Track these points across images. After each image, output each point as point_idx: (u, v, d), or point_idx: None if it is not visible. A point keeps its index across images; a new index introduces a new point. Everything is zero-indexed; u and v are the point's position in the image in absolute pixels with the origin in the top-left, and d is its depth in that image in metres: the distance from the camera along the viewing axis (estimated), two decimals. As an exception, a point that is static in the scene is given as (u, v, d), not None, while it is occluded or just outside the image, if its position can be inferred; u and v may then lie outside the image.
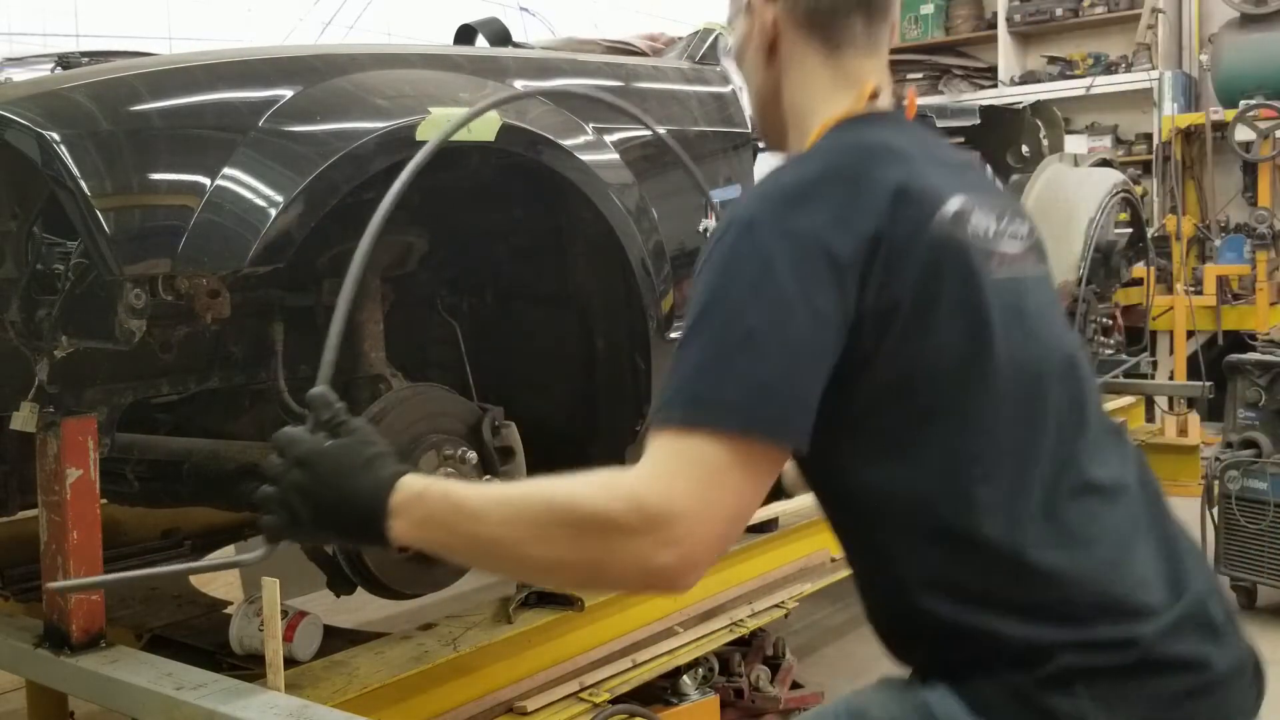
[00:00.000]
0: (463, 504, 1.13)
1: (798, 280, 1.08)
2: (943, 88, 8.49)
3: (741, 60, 1.37)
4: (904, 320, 1.12)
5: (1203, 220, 7.36)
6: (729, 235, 1.13)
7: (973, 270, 1.15)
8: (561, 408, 2.68)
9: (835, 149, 1.21)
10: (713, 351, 1.08)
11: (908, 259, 1.12)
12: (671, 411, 1.08)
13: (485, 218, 2.50)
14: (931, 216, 1.14)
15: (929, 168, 1.19)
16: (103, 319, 1.74)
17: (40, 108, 1.69)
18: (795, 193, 1.14)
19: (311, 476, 1.18)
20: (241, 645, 2.11)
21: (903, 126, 1.29)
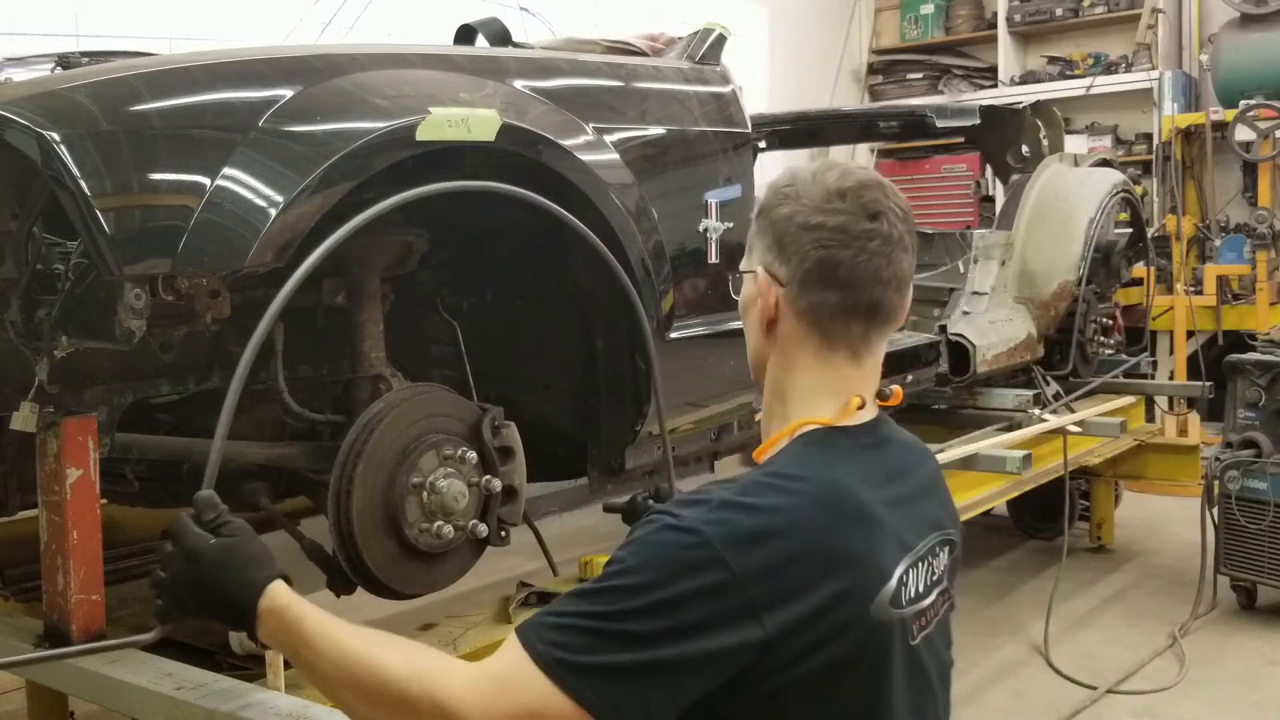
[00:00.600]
0: (306, 635, 1.24)
1: (703, 621, 1.12)
2: (943, 88, 8.50)
3: (745, 315, 1.39)
4: (806, 686, 1.16)
5: (1203, 220, 7.36)
6: (672, 534, 1.15)
7: (889, 654, 1.21)
8: (561, 408, 2.67)
9: (805, 497, 1.19)
10: (597, 627, 1.13)
11: (832, 642, 1.16)
12: (536, 643, 1.14)
13: (485, 217, 2.50)
14: (872, 599, 1.18)
15: (883, 527, 1.22)
16: (103, 319, 1.74)
17: (40, 108, 1.69)
18: (750, 536, 1.14)
19: (194, 571, 1.30)
20: (241, 645, 2.11)
21: (872, 452, 1.30)
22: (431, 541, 2.10)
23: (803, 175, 1.33)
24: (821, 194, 1.29)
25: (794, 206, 1.30)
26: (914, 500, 1.31)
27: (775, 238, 1.31)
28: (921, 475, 1.38)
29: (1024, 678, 4.02)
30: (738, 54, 3.14)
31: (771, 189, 1.35)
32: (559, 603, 1.19)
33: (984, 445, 3.98)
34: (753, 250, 1.35)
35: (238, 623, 1.31)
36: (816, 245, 1.27)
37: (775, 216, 1.31)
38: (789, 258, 1.29)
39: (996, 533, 5.68)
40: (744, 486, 1.21)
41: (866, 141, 7.54)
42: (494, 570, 2.83)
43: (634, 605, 1.13)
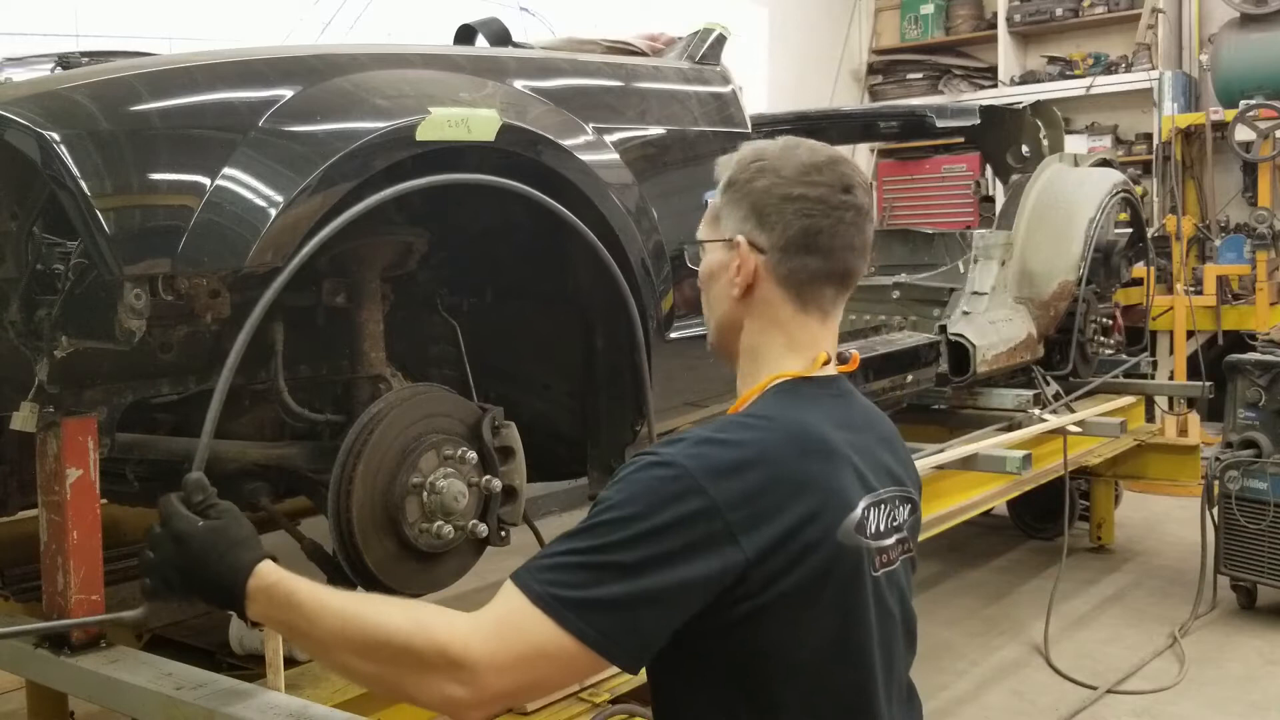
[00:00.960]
0: (301, 606, 1.26)
1: (686, 547, 1.19)
2: (943, 88, 8.50)
3: (709, 283, 1.45)
4: (780, 609, 1.23)
5: (1203, 220, 7.36)
6: (654, 469, 1.23)
7: (860, 576, 1.29)
8: (561, 408, 2.67)
9: (775, 432, 1.29)
10: (588, 561, 1.19)
11: (805, 561, 1.23)
12: (531, 583, 1.20)
13: (485, 218, 2.50)
14: (839, 525, 1.27)
15: (847, 463, 1.31)
16: (103, 319, 1.74)
17: (40, 108, 1.69)
18: (727, 467, 1.23)
19: (183, 552, 1.33)
20: (241, 645, 2.11)
21: (836, 400, 1.39)
22: (431, 541, 2.10)
23: (770, 149, 1.41)
24: (798, 167, 1.37)
25: (772, 179, 1.37)
26: (874, 449, 1.40)
27: (754, 208, 1.38)
28: (881, 430, 1.46)
29: (1024, 678, 4.02)
30: (738, 54, 3.14)
31: (739, 163, 1.41)
32: (550, 545, 1.24)
33: (984, 445, 3.98)
34: (721, 220, 1.41)
35: (227, 603, 1.33)
36: (799, 215, 1.36)
37: (753, 188, 1.38)
38: (771, 226, 1.37)
39: (996, 533, 5.68)
40: (720, 425, 1.31)
41: (866, 141, 7.55)
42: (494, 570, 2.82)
43: (621, 536, 1.19)
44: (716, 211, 1.43)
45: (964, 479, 3.94)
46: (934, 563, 5.22)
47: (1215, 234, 7.21)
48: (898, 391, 3.97)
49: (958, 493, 3.91)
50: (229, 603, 1.32)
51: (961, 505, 3.91)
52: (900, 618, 1.40)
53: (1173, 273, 7.02)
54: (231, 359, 1.52)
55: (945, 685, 3.93)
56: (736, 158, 1.43)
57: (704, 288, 1.46)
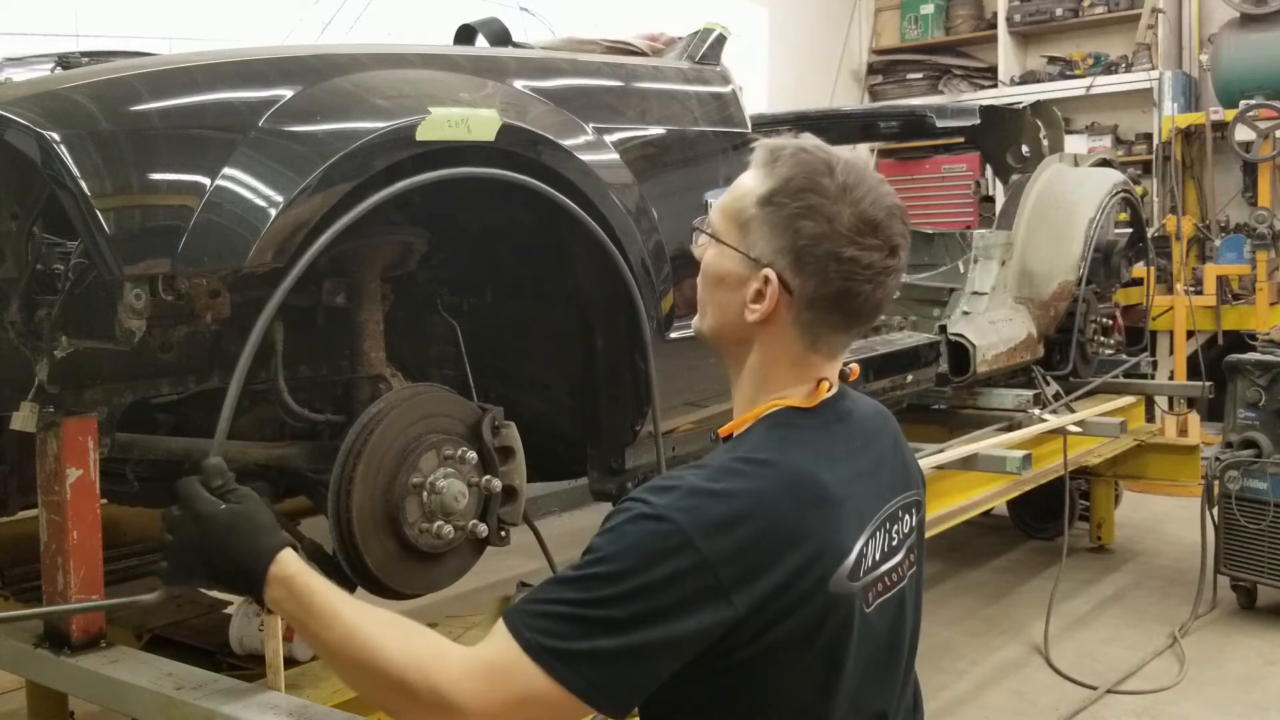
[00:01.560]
0: (314, 609, 1.28)
1: (677, 604, 1.18)
2: (943, 88, 8.50)
3: (717, 286, 1.38)
4: (770, 658, 1.23)
5: (1203, 220, 7.36)
6: (646, 523, 1.20)
7: (849, 623, 1.27)
8: (561, 408, 2.67)
9: (770, 480, 1.25)
10: (577, 614, 1.19)
11: (796, 613, 1.22)
12: (522, 629, 1.19)
13: (485, 218, 2.50)
14: (831, 575, 1.24)
15: (843, 505, 1.28)
16: (103, 319, 1.74)
17: (40, 108, 1.69)
18: (720, 522, 1.20)
19: (204, 534, 1.33)
20: (241, 645, 2.11)
21: (835, 426, 1.36)
22: (431, 541, 2.10)
23: (828, 182, 1.30)
24: (853, 221, 1.29)
25: (823, 226, 1.29)
26: (875, 470, 1.37)
27: (795, 250, 1.30)
28: (882, 443, 1.43)
29: (1024, 678, 4.02)
30: (738, 54, 3.14)
31: (789, 184, 1.31)
32: (541, 589, 1.24)
33: (984, 445, 3.98)
34: (752, 232, 1.33)
35: (245, 587, 1.33)
36: (843, 277, 1.30)
37: (800, 228, 1.30)
38: (809, 276, 1.30)
39: (996, 533, 5.68)
40: (713, 472, 1.26)
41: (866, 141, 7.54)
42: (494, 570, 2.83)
43: (612, 592, 1.18)
44: (747, 217, 1.34)
45: (964, 479, 3.94)
46: (934, 563, 5.22)
47: (1215, 234, 7.21)
48: (898, 391, 3.98)
49: (958, 493, 3.91)
50: (248, 586, 1.32)
51: (961, 505, 3.91)
52: (904, 636, 1.40)
53: (1173, 273, 7.02)
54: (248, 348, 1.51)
55: (945, 685, 3.93)
56: (787, 173, 1.32)
57: (707, 282, 1.40)
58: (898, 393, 3.97)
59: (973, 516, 4.06)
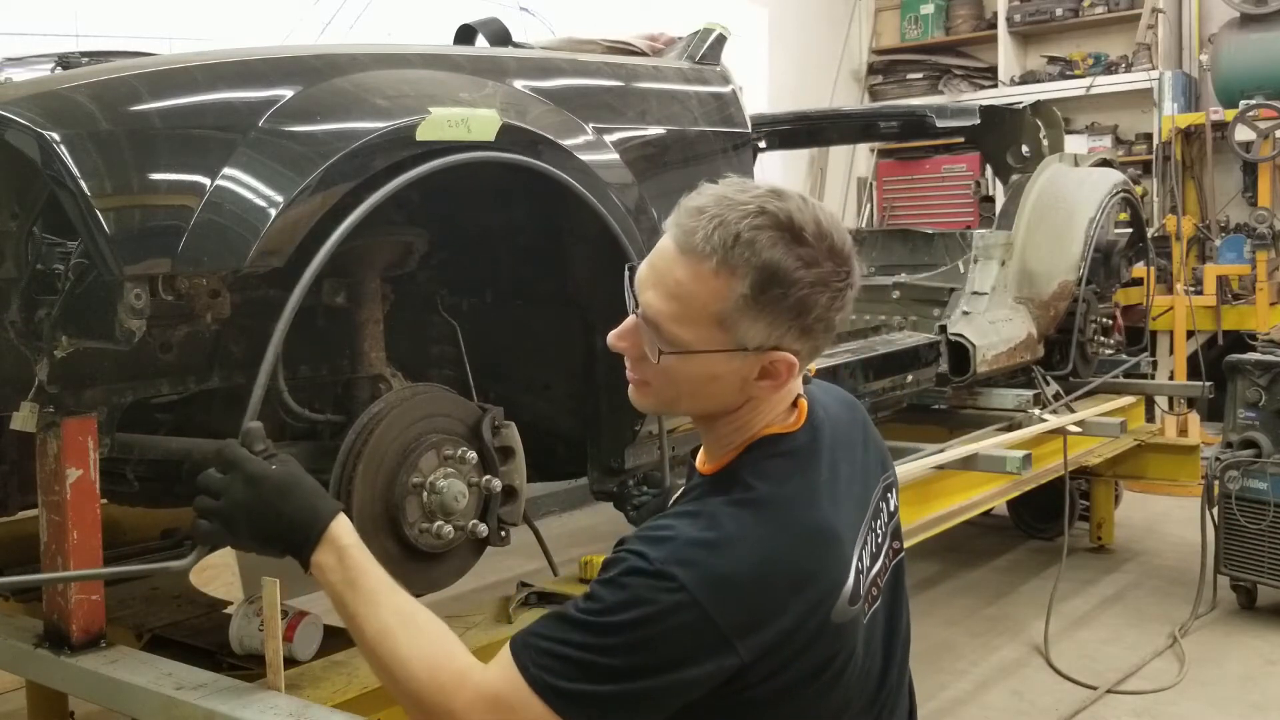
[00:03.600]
0: (358, 591, 1.29)
1: (680, 656, 1.18)
2: (943, 88, 8.50)
3: (706, 385, 1.30)
4: (777, 694, 1.23)
5: (1203, 220, 7.36)
6: (646, 578, 1.19)
7: (854, 648, 1.28)
8: (561, 408, 2.67)
9: (768, 524, 1.23)
10: (581, 658, 1.19)
11: (804, 653, 1.22)
12: (529, 665, 1.21)
13: (485, 218, 2.50)
14: (833, 606, 1.24)
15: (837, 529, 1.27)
16: (103, 319, 1.74)
17: (40, 108, 1.69)
18: (722, 578, 1.19)
19: (255, 494, 1.32)
20: (241, 645, 2.11)
21: (813, 443, 1.33)
22: (431, 541, 2.10)
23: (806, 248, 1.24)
24: (831, 265, 1.25)
25: (828, 292, 1.25)
26: (855, 474, 1.37)
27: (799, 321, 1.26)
28: (855, 439, 1.42)
29: (1024, 678, 4.02)
30: (738, 54, 3.14)
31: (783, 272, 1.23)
32: (548, 624, 1.24)
33: (984, 445, 3.98)
34: (740, 328, 1.25)
35: (294, 547, 1.33)
36: (837, 309, 1.28)
37: (813, 304, 1.25)
38: (813, 334, 1.28)
39: (996, 533, 5.68)
40: (708, 521, 1.23)
41: (866, 141, 7.55)
42: (494, 570, 2.83)
43: (614, 643, 1.18)
44: (730, 316, 1.24)
45: (964, 479, 3.94)
46: (934, 563, 5.22)
47: (1215, 234, 7.21)
48: (898, 391, 3.98)
49: (958, 493, 3.91)
50: (297, 547, 1.32)
51: (961, 505, 3.91)
52: (899, 626, 1.41)
53: (1173, 273, 7.02)
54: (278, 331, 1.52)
55: (945, 685, 3.93)
56: (769, 258, 1.23)
57: (694, 388, 1.31)
58: (898, 393, 3.97)
59: (973, 516, 4.06)
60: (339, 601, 1.32)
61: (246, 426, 1.40)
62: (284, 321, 1.62)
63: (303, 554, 1.32)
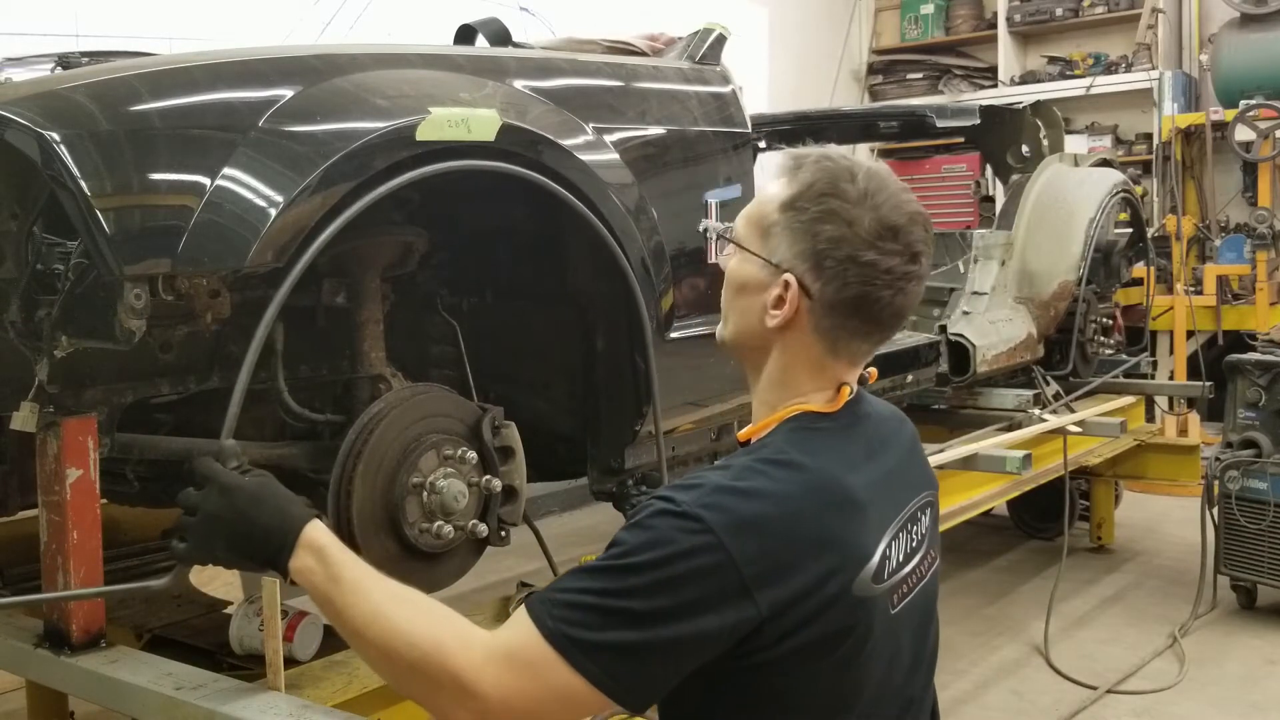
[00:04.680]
0: (342, 584, 1.27)
1: (701, 600, 1.17)
2: (943, 88, 8.50)
3: (739, 292, 1.38)
4: (794, 660, 1.22)
5: (1203, 220, 7.36)
6: (671, 519, 1.19)
7: (873, 626, 1.27)
8: (561, 408, 2.67)
9: (795, 484, 1.25)
10: (601, 604, 1.18)
11: (821, 617, 1.22)
12: (545, 618, 1.19)
13: (485, 218, 2.50)
14: (855, 578, 1.24)
15: (866, 509, 1.28)
16: (103, 319, 1.74)
17: (40, 108, 1.69)
18: (746, 522, 1.19)
19: (231, 504, 1.32)
20: (241, 645, 2.11)
21: (854, 429, 1.36)
22: (431, 541, 2.10)
23: (850, 187, 1.30)
24: (874, 226, 1.29)
25: (843, 230, 1.29)
26: (894, 471, 1.38)
27: (815, 254, 1.30)
28: (900, 444, 1.43)
29: (1024, 678, 4.02)
30: (738, 54, 3.14)
31: (810, 188, 1.32)
32: (565, 579, 1.23)
33: (984, 445, 3.98)
34: (773, 238, 1.34)
35: (270, 556, 1.32)
36: (861, 281, 1.30)
37: (819, 230, 1.30)
38: (828, 280, 1.30)
39: (996, 533, 5.68)
40: (737, 471, 1.26)
41: (866, 141, 7.54)
42: (494, 570, 2.83)
43: (635, 583, 1.17)
44: (769, 223, 1.34)
45: (964, 479, 3.94)
46: (934, 563, 5.22)
47: (1215, 234, 7.21)
48: (898, 391, 3.98)
49: (958, 493, 3.91)
50: (274, 555, 1.31)
51: (961, 505, 3.91)
52: (928, 637, 1.44)
53: (1173, 273, 7.02)
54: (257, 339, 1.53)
55: (945, 685, 3.93)
56: (810, 178, 1.32)
57: (730, 290, 1.40)
58: (898, 393, 3.97)
59: (973, 516, 4.06)
60: (324, 600, 1.30)
61: (221, 443, 1.41)
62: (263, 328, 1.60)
63: (279, 561, 1.31)
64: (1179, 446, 5.39)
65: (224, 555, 1.37)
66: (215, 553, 1.36)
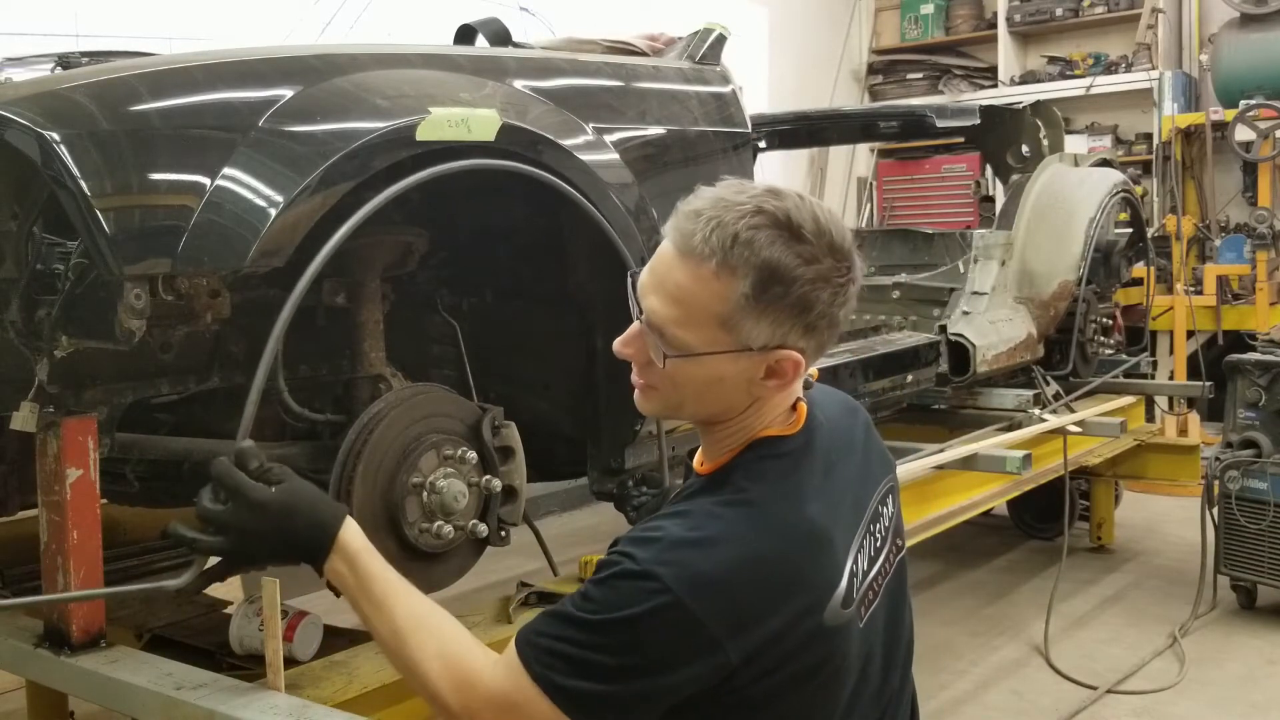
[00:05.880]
0: (371, 595, 1.33)
1: (670, 657, 1.19)
2: (943, 88, 8.50)
3: (713, 387, 1.29)
4: (769, 696, 1.23)
5: (1203, 220, 7.36)
6: (634, 580, 1.20)
7: (846, 650, 1.27)
8: (561, 408, 2.67)
9: (756, 525, 1.23)
10: (577, 655, 1.21)
11: (795, 656, 1.22)
12: (532, 661, 1.23)
13: (485, 218, 2.50)
14: (824, 609, 1.24)
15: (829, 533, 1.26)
16: (103, 319, 1.74)
17: (40, 108, 1.69)
18: (709, 578, 1.19)
19: (261, 520, 1.34)
20: (241, 645, 2.11)
21: (810, 445, 1.33)
22: (431, 541, 2.10)
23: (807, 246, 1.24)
24: (831, 262, 1.25)
25: (824, 288, 1.25)
26: (854, 477, 1.36)
27: (803, 319, 1.25)
28: (855, 442, 1.41)
29: (1024, 678, 4.02)
30: (738, 54, 3.14)
31: (782, 270, 1.23)
32: (548, 622, 1.25)
33: (984, 445, 3.98)
34: (743, 328, 1.25)
35: (308, 559, 1.37)
36: (840, 305, 1.27)
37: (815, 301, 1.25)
38: (817, 331, 1.27)
39: (996, 533, 5.68)
40: (696, 520, 1.24)
41: (866, 141, 7.55)
42: (494, 570, 2.83)
43: (604, 642, 1.20)
44: (731, 317, 1.23)
45: (964, 479, 3.94)
46: (934, 563, 5.22)
47: (1215, 234, 7.21)
48: (898, 391, 3.97)
49: (958, 493, 3.91)
50: (311, 558, 1.36)
51: (961, 505, 3.91)
52: (901, 631, 1.41)
53: (1173, 273, 7.02)
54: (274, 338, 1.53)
55: (945, 685, 3.93)
56: (769, 256, 1.22)
57: (690, 388, 1.30)
58: (898, 393, 3.97)
59: (973, 516, 4.06)
60: (354, 606, 1.36)
61: (239, 447, 1.40)
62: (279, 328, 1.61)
63: (316, 564, 1.36)
64: (1179, 446, 5.39)
65: (263, 562, 1.42)
66: (252, 566, 1.42)
